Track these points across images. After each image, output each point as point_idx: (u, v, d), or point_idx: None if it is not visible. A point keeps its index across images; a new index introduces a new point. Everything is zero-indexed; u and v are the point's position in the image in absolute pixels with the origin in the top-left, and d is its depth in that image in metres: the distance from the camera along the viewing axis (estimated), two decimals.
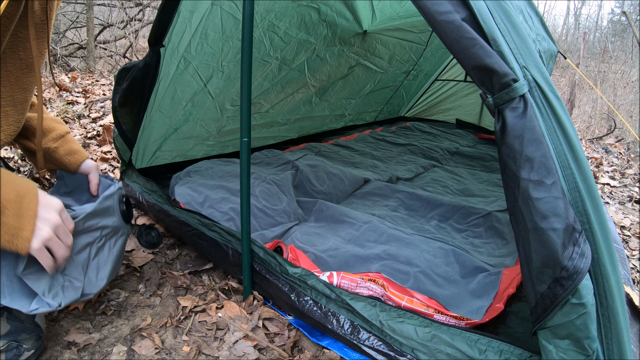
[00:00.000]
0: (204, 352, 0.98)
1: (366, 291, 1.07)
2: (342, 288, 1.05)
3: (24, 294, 0.81)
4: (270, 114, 2.30)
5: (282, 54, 2.02)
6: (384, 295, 1.06)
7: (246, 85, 0.98)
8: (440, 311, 1.01)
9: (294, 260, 1.19)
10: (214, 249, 1.24)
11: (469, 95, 3.47)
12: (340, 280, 1.08)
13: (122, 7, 4.65)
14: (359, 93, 2.93)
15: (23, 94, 0.91)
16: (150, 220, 1.55)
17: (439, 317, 0.99)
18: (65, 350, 0.95)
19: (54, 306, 0.81)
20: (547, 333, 0.70)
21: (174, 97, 1.69)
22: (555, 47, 1.33)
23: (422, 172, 2.21)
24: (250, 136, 1.02)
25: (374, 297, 1.05)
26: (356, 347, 0.95)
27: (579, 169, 0.69)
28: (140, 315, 1.09)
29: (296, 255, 1.21)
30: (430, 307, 1.02)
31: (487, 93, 0.72)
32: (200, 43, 1.62)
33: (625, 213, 2.48)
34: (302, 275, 1.06)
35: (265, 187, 1.58)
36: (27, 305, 0.80)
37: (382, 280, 1.08)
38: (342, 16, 2.14)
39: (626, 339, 0.69)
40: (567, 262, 0.64)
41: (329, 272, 1.11)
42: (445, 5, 0.69)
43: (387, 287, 1.07)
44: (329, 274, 1.09)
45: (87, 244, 0.91)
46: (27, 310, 0.80)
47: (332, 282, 1.07)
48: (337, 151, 2.40)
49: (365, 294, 1.06)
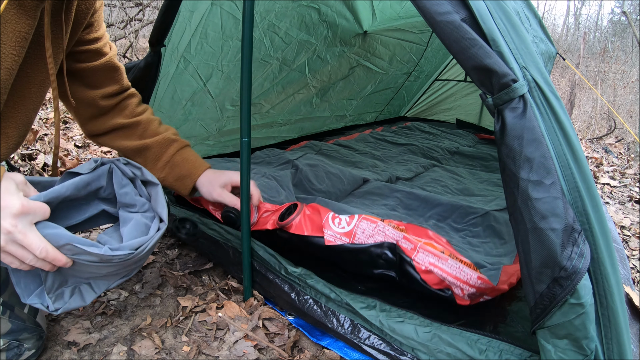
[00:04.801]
0: (204, 352, 0.98)
1: (382, 237, 1.05)
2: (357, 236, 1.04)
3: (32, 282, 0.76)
4: (271, 115, 2.30)
5: (283, 55, 2.02)
6: (400, 239, 1.04)
7: (246, 85, 0.99)
8: (455, 256, 0.99)
9: (313, 213, 1.17)
10: (214, 248, 1.24)
11: (469, 95, 3.47)
12: (360, 222, 1.06)
13: (122, 7, 4.65)
14: (359, 94, 2.93)
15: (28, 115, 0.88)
16: None
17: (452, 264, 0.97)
18: (65, 350, 0.95)
19: (51, 309, 0.76)
20: (546, 333, 0.70)
21: (174, 97, 1.69)
22: (554, 49, 1.33)
23: (422, 172, 2.22)
24: (251, 136, 1.03)
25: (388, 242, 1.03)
26: (356, 346, 0.96)
27: (579, 169, 0.69)
28: (140, 315, 1.09)
29: (313, 209, 1.19)
30: (446, 251, 1.00)
31: (487, 93, 0.72)
32: (200, 43, 1.62)
33: (625, 213, 2.48)
34: (301, 274, 1.06)
35: (264, 181, 1.59)
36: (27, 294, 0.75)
37: (402, 226, 1.07)
38: (343, 17, 2.14)
39: (626, 339, 0.69)
40: (566, 262, 0.64)
41: (348, 214, 1.10)
42: (445, 6, 0.70)
43: (406, 230, 1.05)
44: (350, 215, 1.08)
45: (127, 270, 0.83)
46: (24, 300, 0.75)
47: (350, 223, 1.06)
48: (338, 150, 2.40)
49: (380, 240, 1.04)
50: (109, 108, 1.13)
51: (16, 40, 0.76)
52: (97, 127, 1.14)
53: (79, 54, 1.01)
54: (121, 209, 0.87)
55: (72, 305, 0.79)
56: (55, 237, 0.71)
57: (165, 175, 1.15)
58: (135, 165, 0.88)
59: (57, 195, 0.77)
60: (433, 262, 0.99)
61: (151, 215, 0.86)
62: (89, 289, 0.81)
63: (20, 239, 0.68)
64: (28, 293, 0.76)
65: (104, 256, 0.73)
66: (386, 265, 1.06)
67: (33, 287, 0.76)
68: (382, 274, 1.09)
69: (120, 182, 0.86)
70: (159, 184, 0.90)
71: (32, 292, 0.76)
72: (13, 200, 0.68)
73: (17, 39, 0.76)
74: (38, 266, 0.71)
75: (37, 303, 0.75)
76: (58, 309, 0.76)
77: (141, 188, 0.89)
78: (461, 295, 0.98)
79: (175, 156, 1.15)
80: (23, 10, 0.75)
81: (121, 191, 0.86)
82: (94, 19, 1.00)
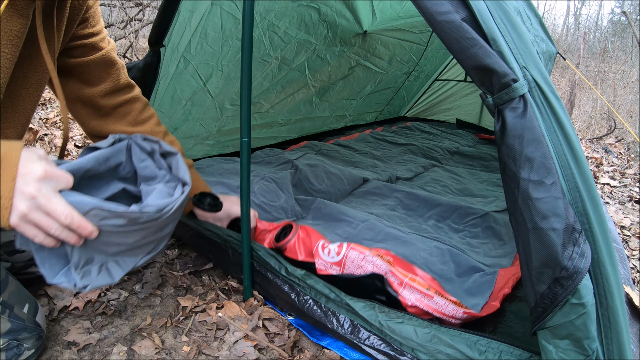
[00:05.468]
0: (204, 352, 0.98)
1: (371, 267, 1.07)
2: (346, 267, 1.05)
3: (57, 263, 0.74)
4: (271, 114, 2.30)
5: (282, 54, 2.02)
6: (387, 272, 1.05)
7: (246, 85, 0.99)
8: (441, 293, 1.01)
9: (306, 237, 1.20)
10: (213, 248, 1.24)
11: (469, 95, 3.47)
12: (349, 251, 1.08)
13: (122, 7, 4.65)
14: (359, 94, 2.93)
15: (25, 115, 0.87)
16: None
17: (438, 301, 0.99)
18: (65, 350, 0.95)
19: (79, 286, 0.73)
20: (546, 333, 0.70)
21: (174, 97, 1.69)
22: (554, 49, 1.33)
23: (422, 172, 2.22)
24: (251, 136, 1.03)
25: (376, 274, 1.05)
26: (356, 347, 0.95)
27: (579, 169, 0.69)
28: (140, 315, 1.09)
29: (307, 232, 1.21)
30: (431, 288, 1.02)
31: (487, 93, 0.72)
32: (200, 43, 1.62)
33: (625, 213, 2.48)
34: (301, 274, 1.06)
35: (263, 184, 1.59)
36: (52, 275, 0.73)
37: (389, 257, 1.08)
38: (343, 16, 2.14)
39: (626, 339, 0.69)
40: (567, 262, 0.64)
41: (338, 242, 1.12)
42: (445, 6, 0.69)
43: (393, 263, 1.07)
44: (339, 243, 1.10)
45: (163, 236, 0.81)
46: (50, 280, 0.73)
47: (340, 253, 1.07)
48: (338, 150, 2.40)
49: (369, 270, 1.06)
50: (109, 109, 1.10)
51: (9, 39, 0.76)
52: (98, 129, 1.12)
53: (73, 49, 1.00)
54: (142, 184, 0.86)
55: (99, 283, 0.76)
56: (80, 204, 0.68)
57: None
58: (152, 140, 0.87)
59: (78, 167, 0.76)
60: (419, 298, 1.01)
61: (173, 185, 0.85)
62: (116, 266, 0.78)
63: (44, 203, 0.65)
64: (53, 273, 0.73)
65: (132, 214, 0.71)
66: (376, 292, 1.08)
67: (58, 268, 0.74)
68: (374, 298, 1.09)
69: (139, 157, 0.85)
70: (177, 153, 0.89)
71: (57, 272, 0.74)
72: (35, 166, 0.66)
73: (10, 37, 0.76)
74: (63, 237, 0.69)
75: (64, 282, 0.73)
76: (86, 285, 0.74)
77: (160, 161, 0.87)
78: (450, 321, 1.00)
79: None
80: (15, 9, 0.75)
81: (141, 165, 0.85)
82: (89, 14, 0.99)
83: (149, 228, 0.76)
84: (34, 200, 0.65)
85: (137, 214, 0.72)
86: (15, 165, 0.65)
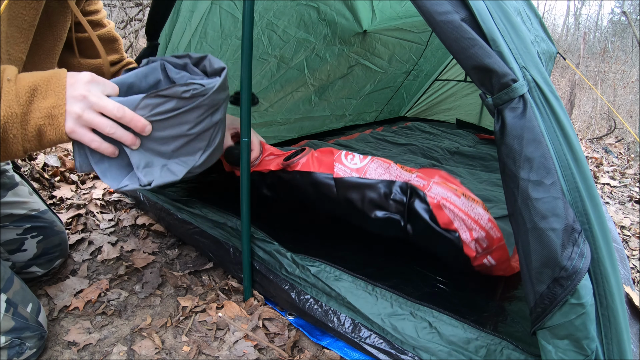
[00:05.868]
0: (204, 352, 0.98)
1: (394, 177, 1.02)
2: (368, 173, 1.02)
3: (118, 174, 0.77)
4: (270, 113, 2.30)
5: (281, 53, 2.02)
6: (412, 178, 1.01)
7: (246, 85, 0.99)
8: (468, 195, 0.96)
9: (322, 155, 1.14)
10: (214, 247, 1.24)
11: (469, 95, 3.47)
12: (372, 162, 1.03)
13: (122, 7, 4.64)
14: (359, 93, 2.93)
15: None
16: (150, 219, 1.55)
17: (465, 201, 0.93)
18: (65, 350, 0.95)
19: (144, 182, 0.76)
20: (546, 333, 0.70)
21: None
22: (554, 48, 1.33)
23: None
24: (250, 136, 1.02)
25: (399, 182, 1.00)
26: (357, 345, 0.95)
27: (579, 169, 0.69)
28: (140, 315, 1.09)
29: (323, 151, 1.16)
30: (458, 189, 0.97)
31: (487, 93, 0.72)
32: (199, 42, 1.62)
33: (625, 213, 2.48)
34: (301, 274, 1.06)
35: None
36: (117, 182, 0.76)
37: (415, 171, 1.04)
38: (342, 15, 2.14)
39: (626, 339, 0.69)
40: (566, 262, 0.64)
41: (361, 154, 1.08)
42: (445, 6, 0.69)
43: (417, 171, 1.03)
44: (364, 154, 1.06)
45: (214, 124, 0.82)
46: (117, 186, 0.76)
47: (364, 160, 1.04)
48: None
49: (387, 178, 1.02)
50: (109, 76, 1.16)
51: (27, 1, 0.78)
52: None
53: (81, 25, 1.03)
54: None
55: (163, 179, 0.78)
56: (129, 100, 0.72)
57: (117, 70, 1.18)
58: (181, 55, 0.91)
59: (121, 81, 0.79)
60: (446, 196, 0.95)
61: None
62: (177, 165, 0.81)
63: (96, 101, 0.69)
64: (118, 180, 0.76)
65: (178, 89, 0.74)
66: (393, 207, 1.02)
67: (120, 177, 0.77)
68: (387, 218, 1.04)
69: (174, 71, 0.89)
70: (207, 55, 0.91)
71: (121, 179, 0.77)
72: (83, 74, 0.71)
73: None
74: (118, 136, 0.72)
75: (128, 184, 0.76)
76: (150, 182, 0.76)
77: (194, 69, 0.90)
78: (468, 240, 0.93)
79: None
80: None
81: (177, 76, 0.88)
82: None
83: (199, 108, 0.78)
84: (85, 100, 0.69)
85: (184, 87, 0.74)
86: (63, 77, 0.69)
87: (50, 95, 0.68)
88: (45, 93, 0.68)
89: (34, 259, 1.09)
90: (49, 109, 0.68)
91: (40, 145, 0.70)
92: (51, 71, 0.71)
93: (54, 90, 0.68)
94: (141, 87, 0.84)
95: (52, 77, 0.69)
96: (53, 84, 0.69)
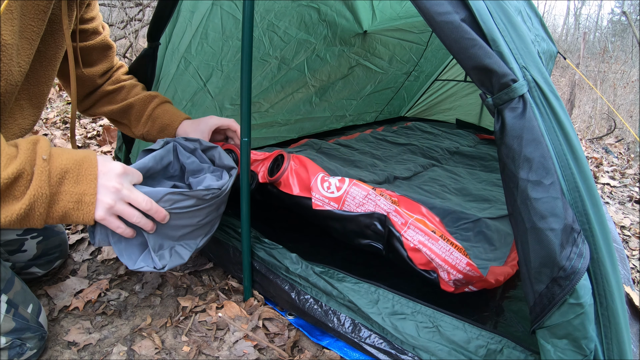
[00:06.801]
0: (204, 352, 0.98)
1: (373, 206, 0.99)
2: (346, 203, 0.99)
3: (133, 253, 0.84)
4: (270, 114, 2.30)
5: (282, 54, 2.02)
6: (391, 211, 0.98)
7: (246, 85, 0.99)
8: (447, 237, 0.95)
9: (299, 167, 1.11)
10: (214, 247, 1.24)
11: (469, 95, 3.47)
12: (351, 187, 1.00)
13: (122, 7, 4.64)
14: (359, 94, 2.93)
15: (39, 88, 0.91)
16: None
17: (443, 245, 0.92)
18: (65, 350, 0.95)
19: (158, 266, 0.84)
20: (545, 332, 0.70)
21: (174, 98, 1.69)
22: (554, 48, 1.33)
23: (421, 171, 2.21)
24: (250, 136, 1.03)
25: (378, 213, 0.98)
26: (357, 345, 0.96)
27: (579, 169, 0.69)
28: (140, 315, 1.09)
29: (301, 162, 1.12)
30: (437, 231, 0.95)
31: (487, 93, 0.72)
32: (200, 43, 1.62)
33: (625, 213, 2.48)
34: (302, 273, 1.06)
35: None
36: (132, 262, 0.83)
37: (395, 198, 1.01)
38: (342, 16, 2.14)
39: (626, 339, 0.69)
40: (565, 262, 0.64)
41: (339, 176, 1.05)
42: (445, 6, 0.70)
43: (398, 203, 1.01)
44: (340, 178, 1.02)
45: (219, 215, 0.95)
46: (133, 266, 0.83)
47: (340, 189, 1.00)
48: (337, 149, 2.40)
49: (370, 210, 0.99)
50: (101, 84, 1.18)
51: (35, 13, 0.79)
52: (89, 102, 1.20)
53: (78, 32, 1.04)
54: (190, 177, 1.00)
55: (174, 263, 0.89)
56: (154, 192, 0.80)
57: (148, 129, 1.18)
58: (192, 139, 1.02)
59: (143, 166, 0.89)
60: (423, 240, 0.94)
61: (218, 173, 0.99)
62: (182, 248, 0.92)
63: (127, 194, 0.76)
64: (133, 261, 0.84)
65: (200, 193, 0.86)
66: (374, 237, 1.01)
67: (135, 257, 0.85)
68: (369, 245, 1.03)
69: (184, 155, 1.00)
70: (217, 147, 1.04)
71: (135, 260, 0.85)
72: (114, 164, 0.76)
73: (37, 12, 0.80)
74: (142, 224, 0.79)
75: (144, 266, 0.84)
76: (164, 265, 0.86)
77: (202, 156, 1.02)
78: (447, 279, 0.93)
79: (156, 109, 1.19)
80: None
81: (188, 161, 0.99)
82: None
83: (211, 206, 0.91)
84: (118, 192, 0.75)
85: (204, 191, 0.87)
86: (95, 166, 0.73)
87: (82, 182, 0.72)
88: (77, 178, 0.71)
89: (33, 259, 1.09)
90: (79, 195, 0.71)
91: (60, 222, 0.73)
92: (82, 154, 0.74)
93: (85, 176, 0.72)
94: (157, 169, 0.95)
95: (84, 161, 0.73)
96: (84, 170, 0.72)
